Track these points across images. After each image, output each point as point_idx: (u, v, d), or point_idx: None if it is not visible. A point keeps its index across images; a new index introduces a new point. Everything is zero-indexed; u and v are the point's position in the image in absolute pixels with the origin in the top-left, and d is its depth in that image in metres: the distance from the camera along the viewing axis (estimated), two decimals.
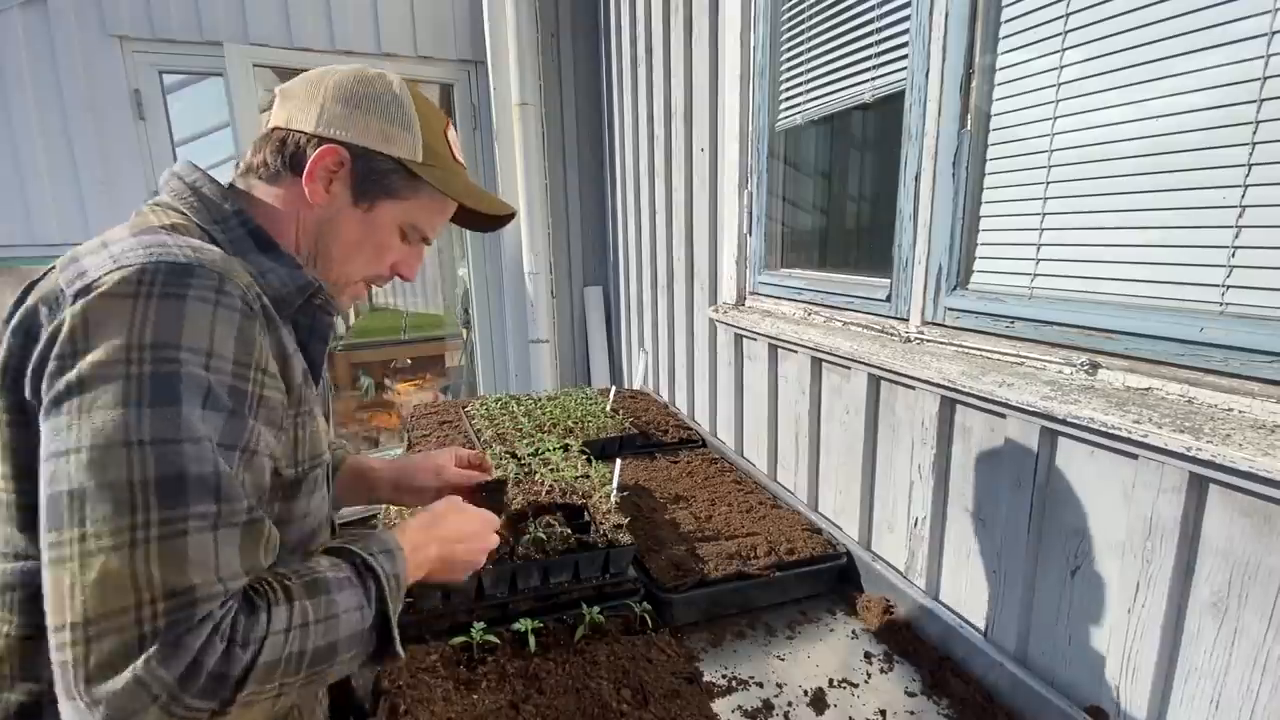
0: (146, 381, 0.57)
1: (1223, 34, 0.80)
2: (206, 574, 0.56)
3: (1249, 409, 0.79)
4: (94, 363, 0.56)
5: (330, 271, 0.83)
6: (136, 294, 0.58)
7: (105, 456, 0.54)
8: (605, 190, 3.40)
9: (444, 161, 0.84)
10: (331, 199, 0.79)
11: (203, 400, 0.59)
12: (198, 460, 0.57)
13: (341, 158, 0.78)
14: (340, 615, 0.66)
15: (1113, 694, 0.94)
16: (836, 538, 1.45)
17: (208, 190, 0.76)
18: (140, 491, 0.55)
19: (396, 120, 0.80)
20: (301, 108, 0.79)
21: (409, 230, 0.86)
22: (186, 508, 0.56)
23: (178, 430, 0.57)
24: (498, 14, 3.06)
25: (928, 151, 1.23)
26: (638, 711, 0.98)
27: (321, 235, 0.81)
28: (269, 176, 0.79)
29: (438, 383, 5.07)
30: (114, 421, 0.55)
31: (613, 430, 1.98)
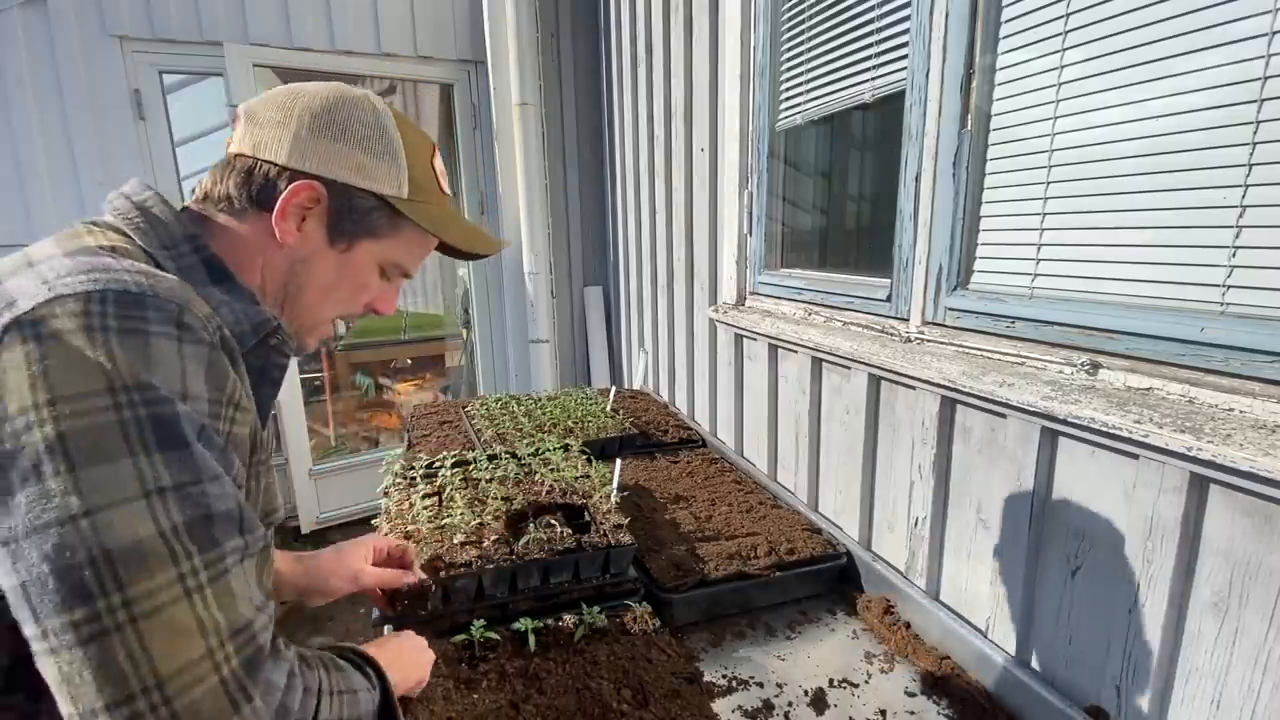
0: (147, 425, 0.51)
1: (1223, 34, 0.80)
2: (251, 607, 0.55)
3: (1250, 409, 0.79)
4: (74, 413, 0.48)
5: (300, 315, 0.77)
6: (91, 328, 0.51)
7: (128, 514, 0.49)
8: (605, 190, 3.40)
9: (430, 195, 0.78)
10: (305, 239, 0.72)
11: (198, 435, 0.55)
12: (221, 497, 0.54)
13: (317, 194, 0.70)
14: (359, 692, 0.69)
15: (1113, 694, 0.94)
16: (836, 538, 1.45)
17: (158, 211, 0.67)
18: (175, 540, 0.51)
19: (379, 151, 0.73)
20: (271, 134, 0.70)
21: (389, 268, 0.80)
22: (221, 546, 0.54)
23: (197, 471, 0.53)
24: (498, 14, 3.06)
25: (928, 151, 1.23)
26: (638, 711, 0.98)
27: (293, 276, 0.74)
28: (233, 211, 0.71)
29: (438, 383, 5.08)
30: (126, 474, 0.49)
31: (613, 430, 1.98)
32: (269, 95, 0.73)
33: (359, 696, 0.68)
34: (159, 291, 0.55)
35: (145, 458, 0.50)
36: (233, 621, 0.52)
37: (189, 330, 0.56)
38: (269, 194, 0.70)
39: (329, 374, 4.64)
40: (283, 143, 0.70)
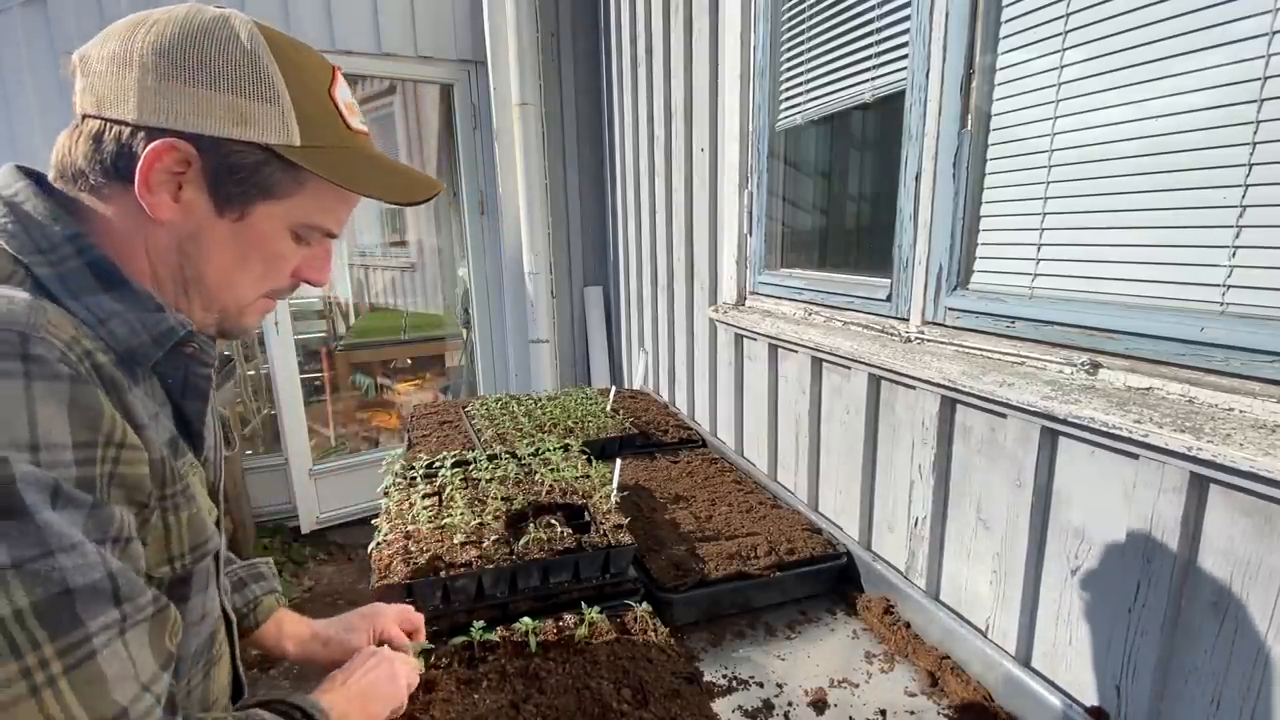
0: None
1: (1223, 34, 0.80)
2: (130, 687, 0.48)
3: (1250, 409, 0.79)
4: None
5: (214, 299, 0.65)
6: None
7: None
8: (605, 190, 3.40)
9: (332, 136, 0.63)
10: (185, 211, 0.59)
11: (52, 499, 0.47)
12: (80, 569, 0.47)
13: (184, 155, 0.57)
14: None
15: (1113, 694, 0.94)
16: (836, 538, 1.45)
17: (31, 207, 0.56)
18: (19, 627, 0.44)
19: (253, 90, 0.58)
20: (113, 84, 0.56)
21: (303, 231, 0.66)
22: (85, 626, 0.47)
23: (43, 542, 0.45)
24: (498, 14, 3.06)
25: (928, 151, 1.23)
26: (638, 711, 0.98)
27: (185, 258, 0.61)
28: (90, 187, 0.59)
29: (438, 383, 5.08)
30: None
31: (613, 430, 1.98)
32: (107, 32, 0.59)
33: None
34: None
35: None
36: (99, 714, 0.46)
37: (38, 363, 0.47)
38: (127, 162, 0.56)
39: (329, 374, 4.64)
40: (128, 94, 0.55)
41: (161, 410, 0.63)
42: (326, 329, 5.08)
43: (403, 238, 5.98)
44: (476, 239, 3.62)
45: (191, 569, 0.62)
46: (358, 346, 4.98)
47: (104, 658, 0.47)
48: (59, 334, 0.50)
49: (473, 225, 3.60)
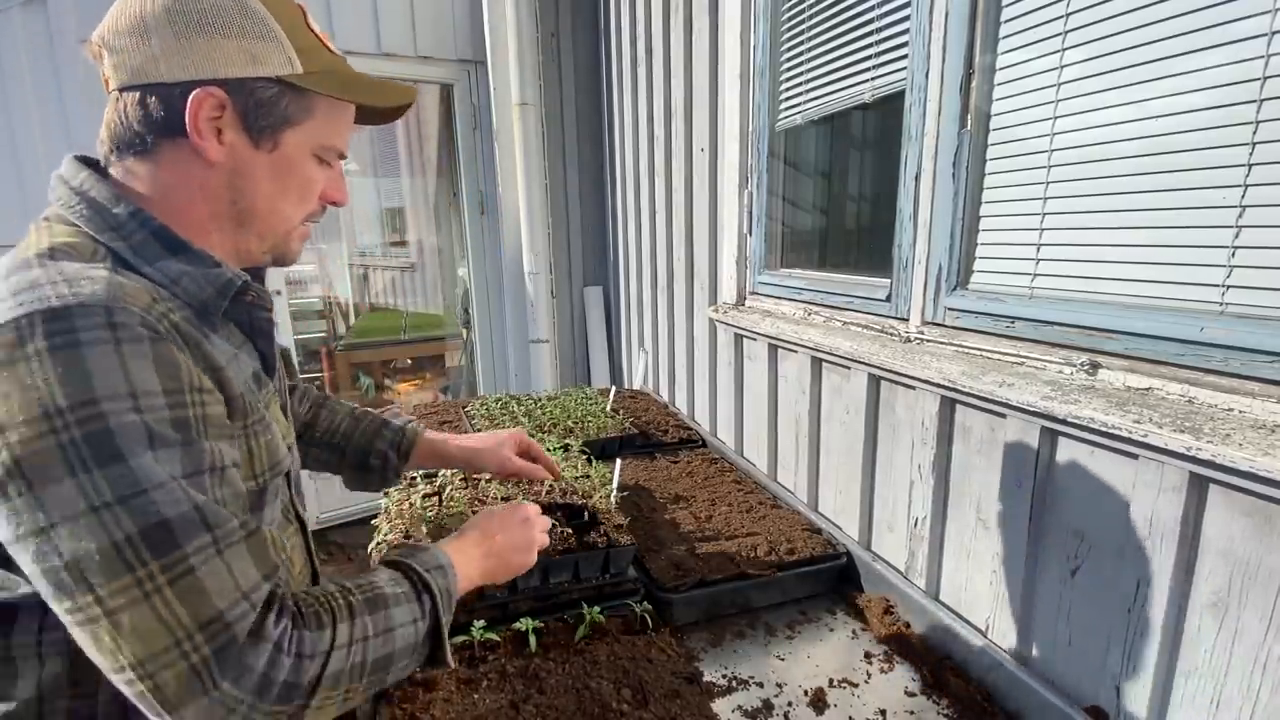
0: (81, 445, 0.54)
1: (1223, 34, 0.80)
2: (229, 596, 0.58)
3: (1249, 409, 0.79)
4: (20, 440, 0.53)
5: (264, 228, 0.74)
6: (22, 357, 0.54)
7: (79, 528, 0.53)
8: (605, 190, 3.40)
9: (322, 59, 0.72)
10: (230, 151, 0.68)
11: (149, 443, 0.56)
12: (172, 503, 0.56)
13: (219, 99, 0.66)
14: (396, 629, 0.70)
15: (1113, 694, 0.94)
16: (836, 538, 1.45)
17: (96, 194, 0.66)
18: (130, 549, 0.54)
19: (256, 32, 0.67)
20: (140, 55, 0.65)
21: (322, 152, 0.75)
22: (182, 548, 0.56)
23: (138, 482, 0.55)
24: (498, 14, 3.06)
25: (928, 151, 1.23)
26: (638, 711, 0.98)
27: (237, 195, 0.71)
28: (144, 150, 0.68)
29: (438, 383, 5.08)
30: (70, 494, 0.53)
31: (613, 430, 1.98)
32: (113, 15, 0.67)
33: (395, 635, 0.70)
34: (83, 299, 0.56)
35: (86, 475, 0.54)
36: (199, 616, 0.56)
37: (123, 329, 0.56)
38: (173, 117, 0.65)
39: (329, 374, 4.64)
40: (156, 59, 0.64)
41: (241, 349, 0.73)
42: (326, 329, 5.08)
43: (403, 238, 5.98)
44: (476, 239, 3.62)
45: (267, 484, 0.73)
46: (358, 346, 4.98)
47: (202, 573, 0.57)
48: (136, 301, 0.59)
49: (473, 225, 3.60)
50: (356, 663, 0.65)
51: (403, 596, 0.73)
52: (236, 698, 0.57)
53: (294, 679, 0.60)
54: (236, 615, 0.58)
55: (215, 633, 0.56)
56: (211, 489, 0.60)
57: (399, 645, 0.70)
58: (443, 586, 0.77)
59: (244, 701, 0.57)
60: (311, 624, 0.63)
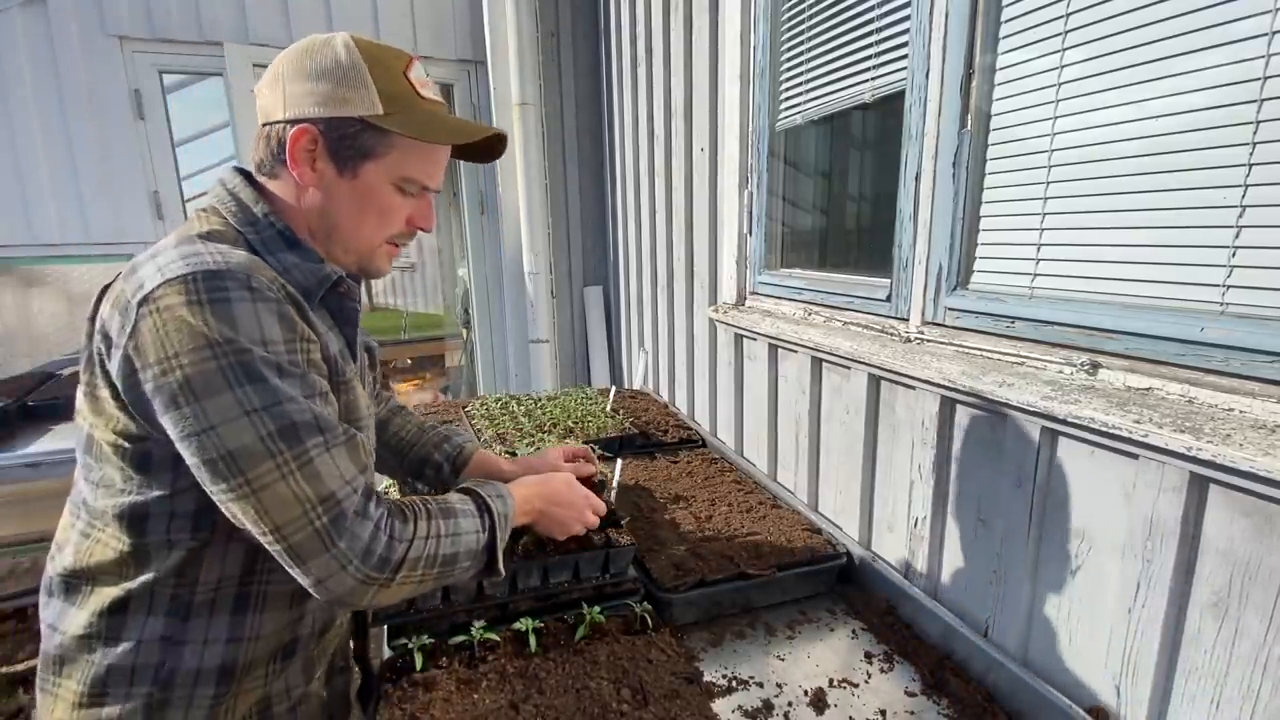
0: (238, 369, 0.71)
1: (1223, 34, 0.80)
2: (338, 481, 0.76)
3: (1249, 409, 0.79)
4: (190, 364, 0.70)
5: (349, 244, 0.89)
6: (190, 302, 0.71)
7: (236, 427, 0.71)
8: (605, 190, 3.40)
9: (409, 104, 0.85)
10: (321, 177, 0.84)
11: (279, 373, 0.74)
12: (299, 411, 0.74)
13: (312, 134, 0.82)
14: (463, 535, 0.88)
15: (1113, 694, 0.94)
16: (836, 538, 1.45)
17: (243, 195, 0.85)
18: (271, 442, 0.72)
19: (347, 81, 0.82)
20: (271, 100, 0.83)
21: (404, 184, 0.88)
22: (304, 443, 0.74)
23: (276, 396, 0.73)
24: (498, 14, 3.06)
25: (928, 151, 1.23)
26: (638, 711, 0.98)
27: (325, 213, 0.87)
28: (268, 172, 0.86)
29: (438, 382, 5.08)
30: (229, 402, 0.71)
31: (613, 430, 1.98)
32: (267, 70, 0.86)
33: (460, 539, 0.88)
34: (231, 266, 0.74)
35: (240, 390, 0.71)
36: (319, 492, 0.74)
37: (257, 291, 0.74)
38: (283, 147, 0.83)
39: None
40: (278, 102, 0.82)
41: (330, 330, 0.88)
42: None
43: None
44: (476, 239, 3.62)
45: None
46: None
47: (319, 462, 0.75)
48: (266, 274, 0.77)
49: (473, 225, 3.60)
50: (431, 553, 0.83)
51: (469, 511, 0.91)
52: (347, 557, 0.75)
53: (387, 553, 0.78)
54: (344, 494, 0.76)
55: (330, 506, 0.75)
56: (319, 405, 0.77)
57: (463, 548, 0.88)
58: (501, 510, 0.95)
59: (351, 561, 0.75)
60: (399, 516, 0.82)
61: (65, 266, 3.19)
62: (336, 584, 0.76)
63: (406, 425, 1.30)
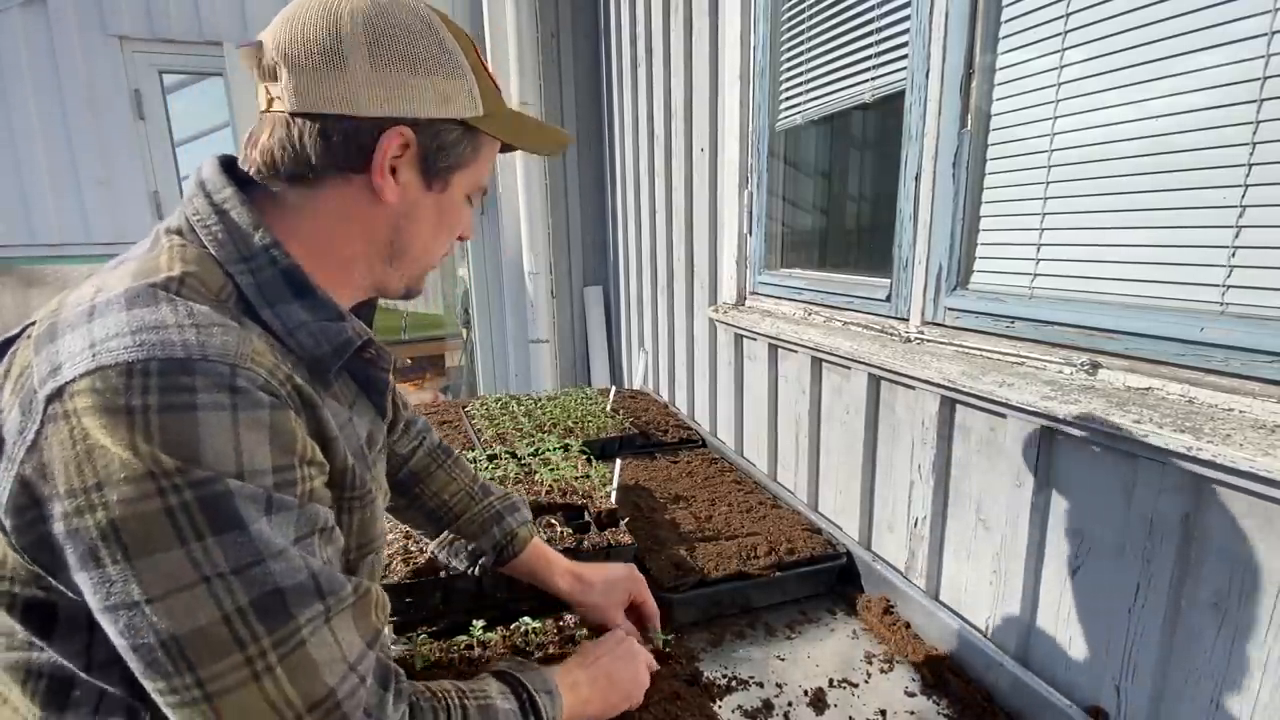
0: (196, 511, 0.49)
1: (1223, 34, 0.80)
2: (338, 669, 0.55)
3: (1249, 409, 0.79)
4: (120, 500, 0.48)
5: (410, 267, 0.72)
6: (130, 408, 0.48)
7: (186, 600, 0.49)
8: (605, 190, 3.40)
9: (498, 101, 0.69)
10: (403, 191, 0.65)
11: (265, 508, 0.53)
12: (289, 572, 0.53)
13: (406, 139, 0.62)
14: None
15: (1113, 694, 0.94)
16: (836, 538, 1.45)
17: (236, 215, 0.61)
18: (241, 623, 0.50)
19: (450, 71, 0.63)
20: (333, 83, 0.59)
21: (473, 193, 0.73)
22: (295, 620, 0.53)
23: (257, 551, 0.51)
24: (498, 14, 3.06)
25: (928, 151, 1.23)
26: (638, 712, 0.98)
27: (397, 234, 0.67)
28: (309, 180, 0.63)
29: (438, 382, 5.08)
30: (179, 563, 0.49)
31: (613, 430, 1.98)
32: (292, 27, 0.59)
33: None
34: (208, 353, 0.51)
35: (198, 543, 0.49)
36: (310, 696, 0.53)
37: (243, 395, 0.52)
38: (356, 153, 0.61)
39: None
40: (351, 90, 0.59)
41: (354, 404, 0.71)
42: None
43: None
44: (476, 239, 3.62)
45: (358, 563, 0.69)
46: None
47: (312, 645, 0.53)
48: (262, 363, 0.55)
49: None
50: None
51: (513, 714, 0.71)
52: None
53: None
54: (346, 692, 0.54)
55: (327, 712, 0.53)
56: (320, 549, 0.57)
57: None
58: (550, 713, 0.75)
59: None
60: (429, 716, 0.62)
61: (65, 266, 3.19)
62: None
63: (452, 484, 1.06)
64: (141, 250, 0.61)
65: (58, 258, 2.93)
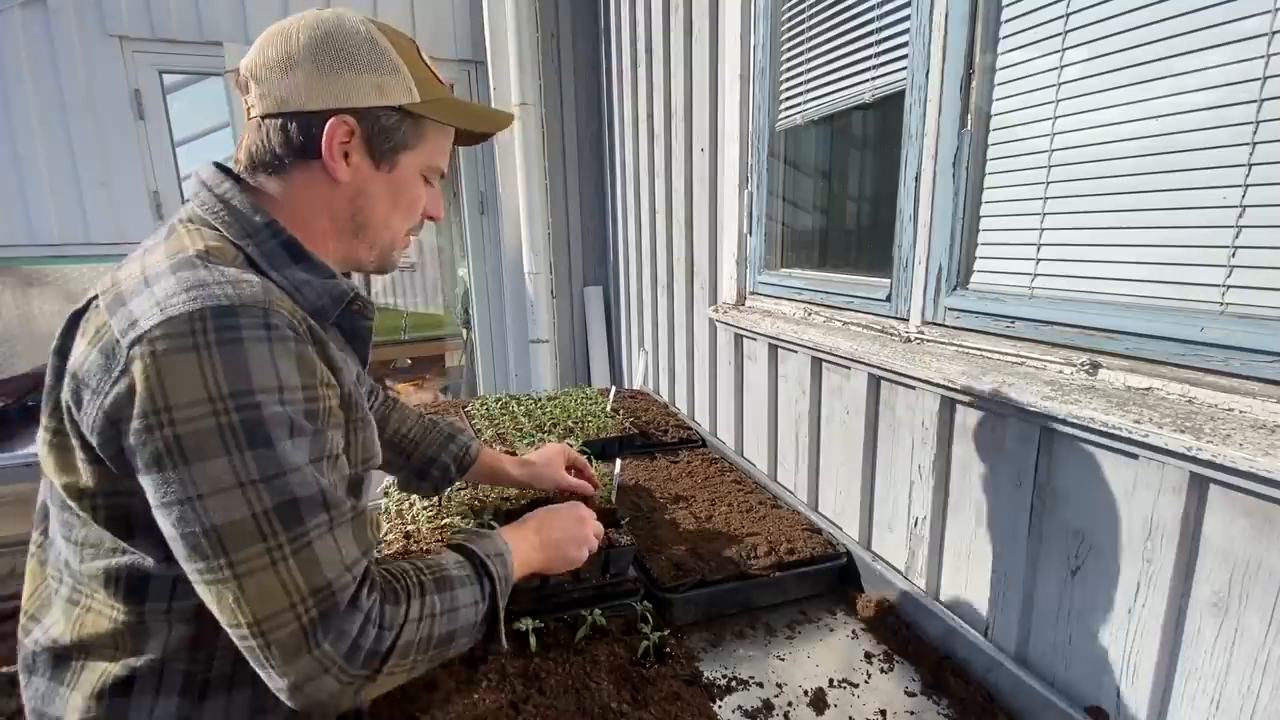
0: (239, 430, 0.62)
1: (1224, 34, 0.80)
2: (336, 568, 0.66)
3: (1249, 409, 0.79)
4: (183, 420, 0.61)
5: (375, 239, 0.83)
6: (195, 345, 0.61)
7: (226, 500, 0.62)
8: (605, 190, 3.40)
9: (435, 89, 0.81)
10: (355, 171, 0.77)
11: (290, 432, 0.65)
12: (302, 485, 0.65)
13: (350, 127, 0.75)
14: (460, 609, 0.78)
15: (1113, 694, 0.94)
16: (836, 538, 1.45)
17: (238, 202, 0.75)
18: (265, 521, 0.63)
19: (384, 67, 0.76)
20: (286, 86, 0.73)
21: (428, 173, 0.85)
22: (304, 524, 0.65)
23: (280, 465, 0.64)
24: (498, 14, 3.06)
25: (928, 151, 1.23)
26: (638, 712, 0.98)
27: (356, 209, 0.80)
28: (279, 169, 0.76)
29: (438, 383, 5.08)
30: (222, 469, 0.61)
31: (613, 430, 1.98)
32: (258, 51, 0.75)
33: (459, 614, 0.77)
34: (244, 299, 0.64)
35: (239, 455, 0.62)
36: (312, 583, 0.64)
37: (275, 329, 0.65)
38: (309, 142, 0.74)
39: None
40: (299, 91, 0.73)
41: (345, 351, 0.82)
42: None
43: None
44: (476, 239, 3.62)
45: (363, 475, 0.82)
46: None
47: (318, 546, 0.65)
48: (283, 307, 0.68)
49: (473, 225, 3.60)
50: (425, 636, 0.72)
51: (467, 579, 0.80)
52: (331, 658, 0.64)
53: (375, 646, 0.67)
54: (341, 585, 0.66)
55: (323, 598, 0.65)
56: (328, 472, 0.69)
57: (461, 623, 0.77)
58: (501, 574, 0.84)
59: (336, 663, 0.65)
60: (391, 598, 0.71)
61: (65, 266, 3.19)
62: (315, 689, 0.65)
63: (407, 421, 1.25)
64: (160, 239, 0.73)
65: (58, 258, 2.93)
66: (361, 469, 0.81)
